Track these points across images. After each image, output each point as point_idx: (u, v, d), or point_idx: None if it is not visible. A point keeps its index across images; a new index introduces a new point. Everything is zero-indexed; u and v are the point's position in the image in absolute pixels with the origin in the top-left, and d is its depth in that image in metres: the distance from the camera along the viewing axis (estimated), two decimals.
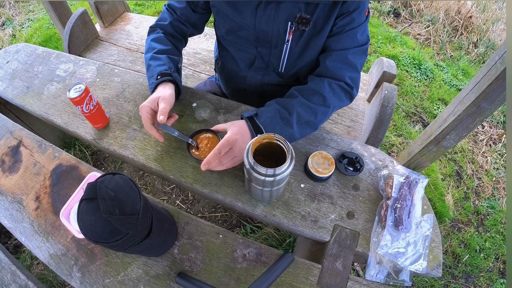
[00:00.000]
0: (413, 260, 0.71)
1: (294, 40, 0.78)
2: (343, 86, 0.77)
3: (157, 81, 0.80)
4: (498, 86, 0.90)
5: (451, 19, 2.63)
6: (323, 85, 0.76)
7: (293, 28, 0.75)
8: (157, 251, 0.70)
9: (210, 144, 0.82)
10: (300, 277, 0.70)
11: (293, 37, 0.77)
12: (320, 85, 0.76)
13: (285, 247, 1.34)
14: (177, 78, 0.84)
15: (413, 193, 0.77)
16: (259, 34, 0.79)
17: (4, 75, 1.11)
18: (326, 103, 0.76)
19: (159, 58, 0.84)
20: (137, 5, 2.80)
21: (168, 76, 0.81)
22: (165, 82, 0.81)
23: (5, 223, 0.80)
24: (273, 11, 0.74)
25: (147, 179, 1.67)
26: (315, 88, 0.76)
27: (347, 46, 0.75)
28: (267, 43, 0.81)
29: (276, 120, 0.73)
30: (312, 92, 0.76)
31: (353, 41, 0.74)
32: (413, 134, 1.90)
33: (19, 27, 2.69)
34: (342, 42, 0.75)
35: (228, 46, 0.90)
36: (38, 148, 0.91)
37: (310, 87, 0.77)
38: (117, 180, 0.52)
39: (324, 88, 0.75)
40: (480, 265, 1.46)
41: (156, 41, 0.88)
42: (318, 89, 0.76)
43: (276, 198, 0.79)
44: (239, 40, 0.85)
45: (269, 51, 0.84)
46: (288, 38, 0.77)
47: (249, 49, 0.86)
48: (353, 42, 0.75)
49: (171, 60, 0.85)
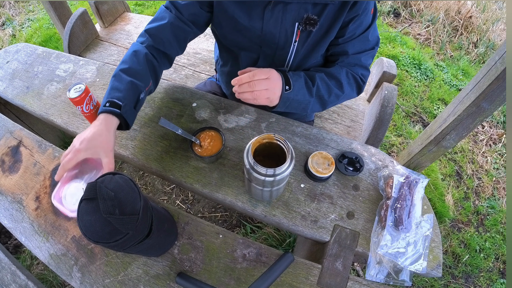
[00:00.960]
0: (413, 260, 0.71)
1: (300, 41, 0.78)
2: (357, 78, 0.85)
3: (103, 108, 0.71)
4: (498, 86, 0.90)
5: (451, 19, 2.63)
6: (342, 72, 0.82)
7: (300, 29, 0.75)
8: (157, 251, 0.70)
9: (212, 142, 0.82)
10: (300, 277, 0.70)
11: (300, 38, 0.77)
12: (340, 72, 0.82)
13: (285, 247, 1.34)
14: (127, 114, 0.72)
15: (413, 193, 0.77)
16: (266, 36, 0.78)
17: (4, 75, 1.11)
18: (341, 89, 0.82)
19: (121, 80, 0.74)
20: (137, 5, 2.80)
21: (115, 108, 0.70)
22: (106, 116, 0.70)
23: (5, 223, 0.80)
24: (281, 13, 0.73)
25: (147, 179, 1.67)
26: (335, 73, 0.82)
27: (359, 50, 0.81)
28: (273, 45, 0.81)
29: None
30: (332, 76, 0.82)
31: (365, 44, 0.80)
32: (413, 134, 1.90)
33: (19, 27, 2.69)
34: (356, 47, 0.80)
35: (230, 45, 0.89)
36: (38, 148, 0.91)
37: (330, 71, 0.82)
38: (117, 180, 0.52)
39: (342, 75, 0.81)
40: (480, 265, 1.46)
41: (134, 55, 0.78)
42: (337, 75, 0.82)
43: (276, 198, 0.79)
44: (243, 39, 0.83)
45: (273, 52, 0.83)
46: (296, 39, 0.77)
47: (253, 49, 0.85)
48: (365, 45, 0.81)
49: (134, 87, 0.74)
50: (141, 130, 0.92)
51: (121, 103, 0.71)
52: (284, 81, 0.76)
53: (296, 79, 0.78)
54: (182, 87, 1.02)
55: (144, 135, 0.91)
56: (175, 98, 0.99)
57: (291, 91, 0.76)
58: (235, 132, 0.91)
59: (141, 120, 0.94)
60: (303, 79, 0.79)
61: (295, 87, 0.77)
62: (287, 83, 0.76)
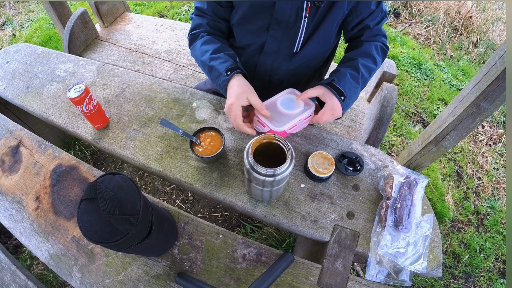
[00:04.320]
0: (413, 260, 0.71)
1: (310, 17, 0.81)
2: (383, 47, 0.92)
3: (228, 77, 0.81)
4: (498, 86, 0.90)
5: (451, 19, 2.63)
6: (371, 48, 0.88)
7: (309, 5, 0.78)
8: (157, 251, 0.70)
9: (212, 142, 0.82)
10: (300, 277, 0.70)
11: (309, 14, 0.80)
12: (370, 48, 0.88)
13: (285, 247, 1.34)
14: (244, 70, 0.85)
15: (413, 193, 0.77)
16: (278, 13, 0.80)
17: (4, 75, 1.11)
18: (376, 63, 0.89)
19: (219, 57, 0.84)
20: (137, 5, 2.80)
21: (236, 70, 0.82)
22: (235, 76, 0.81)
23: (5, 223, 0.80)
24: None
25: (147, 179, 1.67)
26: (368, 51, 0.87)
27: (377, 21, 0.88)
28: (283, 24, 0.82)
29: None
30: (367, 55, 0.87)
31: (379, 15, 0.88)
32: (413, 134, 1.90)
33: (19, 27, 2.69)
34: (375, 20, 0.87)
35: (238, 32, 0.91)
36: (38, 148, 0.91)
37: (363, 50, 0.88)
38: (117, 180, 0.52)
39: (373, 51, 0.88)
40: (480, 265, 1.46)
41: (206, 43, 0.88)
42: (370, 52, 0.87)
43: (276, 198, 0.79)
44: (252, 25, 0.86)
45: (282, 33, 0.85)
46: (306, 14, 0.80)
47: (260, 33, 0.87)
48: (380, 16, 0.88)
49: (230, 56, 0.85)
50: (141, 130, 0.92)
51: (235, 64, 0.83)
52: (335, 93, 0.80)
53: (344, 82, 0.82)
54: (182, 87, 1.02)
55: (144, 135, 0.91)
56: (175, 98, 0.99)
57: (347, 98, 0.81)
58: (235, 132, 0.91)
59: (141, 120, 0.94)
60: (348, 76, 0.83)
61: (347, 91, 0.81)
62: (339, 92, 0.80)
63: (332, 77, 0.84)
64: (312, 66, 0.97)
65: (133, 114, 0.96)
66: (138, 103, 0.98)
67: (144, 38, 1.65)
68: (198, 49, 0.89)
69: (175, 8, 2.76)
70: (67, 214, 0.78)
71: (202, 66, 0.89)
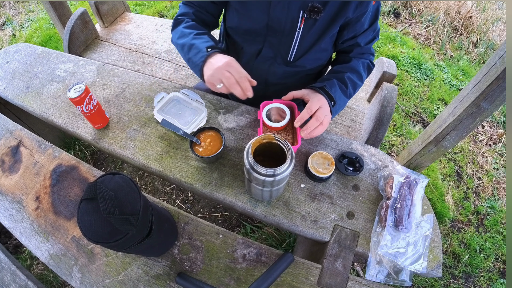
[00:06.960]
0: (413, 260, 0.71)
1: (306, 28, 0.80)
2: (369, 65, 0.94)
3: (208, 53, 0.78)
4: (498, 86, 0.90)
5: (451, 19, 2.63)
6: (359, 65, 0.90)
7: (305, 17, 0.78)
8: (157, 251, 0.70)
9: (212, 142, 0.82)
10: (300, 277, 0.70)
11: (305, 26, 0.80)
12: (358, 64, 0.90)
13: (285, 247, 1.34)
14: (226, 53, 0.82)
15: (413, 193, 0.77)
16: (273, 22, 0.80)
17: (4, 75, 1.11)
18: (361, 80, 0.91)
19: (202, 38, 0.82)
20: (137, 5, 2.80)
21: (217, 49, 0.79)
22: (216, 53, 0.79)
23: (5, 223, 0.80)
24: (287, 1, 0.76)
25: (147, 179, 1.67)
26: (355, 67, 0.89)
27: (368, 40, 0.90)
28: (278, 32, 0.82)
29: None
30: (354, 70, 0.89)
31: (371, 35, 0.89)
32: (413, 134, 1.90)
33: (19, 27, 2.69)
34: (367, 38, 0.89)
35: (235, 36, 0.91)
36: (38, 148, 0.91)
37: (350, 66, 0.89)
38: (117, 180, 0.52)
39: (360, 67, 0.90)
40: (480, 265, 1.46)
41: (190, 27, 0.86)
42: (357, 68, 0.89)
43: (276, 198, 0.79)
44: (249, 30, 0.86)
45: (279, 40, 0.85)
46: (300, 25, 0.80)
47: (257, 39, 0.87)
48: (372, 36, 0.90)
49: (214, 40, 0.84)
50: (141, 130, 0.92)
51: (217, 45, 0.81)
52: (327, 97, 0.81)
53: (334, 90, 0.83)
54: (182, 87, 1.02)
55: (144, 135, 0.91)
56: None
57: (336, 104, 0.83)
58: (235, 132, 0.91)
59: (141, 120, 0.94)
60: (337, 86, 0.84)
61: (337, 98, 0.83)
62: (330, 98, 0.82)
63: (323, 82, 0.84)
64: (309, 74, 0.98)
65: (133, 114, 0.96)
66: (138, 103, 0.98)
67: (144, 38, 1.65)
68: (180, 31, 0.87)
69: (175, 8, 2.76)
70: (67, 214, 0.78)
71: (181, 47, 0.85)
